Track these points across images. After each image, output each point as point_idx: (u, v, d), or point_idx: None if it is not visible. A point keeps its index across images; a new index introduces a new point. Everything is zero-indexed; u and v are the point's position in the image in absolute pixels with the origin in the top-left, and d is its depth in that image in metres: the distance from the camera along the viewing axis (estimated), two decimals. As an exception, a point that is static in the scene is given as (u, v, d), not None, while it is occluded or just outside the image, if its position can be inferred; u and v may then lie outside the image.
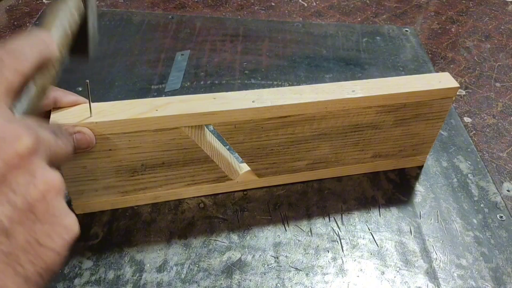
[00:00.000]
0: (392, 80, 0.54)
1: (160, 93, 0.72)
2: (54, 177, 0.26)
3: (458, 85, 0.54)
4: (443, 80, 0.54)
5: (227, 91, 0.75)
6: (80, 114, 0.45)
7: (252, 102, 0.49)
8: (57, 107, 0.45)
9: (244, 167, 0.57)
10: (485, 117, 1.67)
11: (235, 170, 0.56)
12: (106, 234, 0.52)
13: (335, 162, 0.58)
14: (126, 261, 0.49)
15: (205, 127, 0.52)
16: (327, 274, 0.50)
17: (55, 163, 0.29)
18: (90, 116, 0.44)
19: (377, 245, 0.53)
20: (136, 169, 0.50)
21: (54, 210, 0.26)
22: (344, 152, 0.57)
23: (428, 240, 0.54)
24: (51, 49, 0.34)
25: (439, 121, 0.57)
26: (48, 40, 0.34)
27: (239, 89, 0.75)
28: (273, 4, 2.25)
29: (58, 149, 0.30)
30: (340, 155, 0.57)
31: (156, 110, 0.46)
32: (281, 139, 0.53)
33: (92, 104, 0.45)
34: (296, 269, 0.50)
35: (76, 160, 0.47)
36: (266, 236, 0.53)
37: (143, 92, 0.72)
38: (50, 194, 0.26)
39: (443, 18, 2.24)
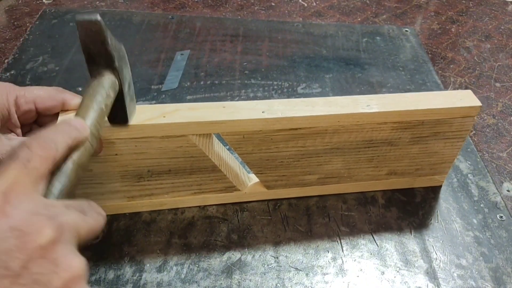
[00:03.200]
0: (410, 96, 0.52)
1: (159, 93, 0.72)
2: (77, 264, 0.27)
3: (480, 104, 0.51)
4: (464, 98, 0.52)
5: (227, 91, 0.76)
6: None
7: (262, 112, 0.47)
8: (65, 110, 0.45)
9: (253, 178, 0.56)
10: (485, 117, 1.67)
11: (243, 181, 0.55)
12: (106, 234, 0.52)
13: (348, 177, 0.56)
14: (126, 261, 0.49)
15: (213, 136, 0.51)
16: (327, 274, 0.50)
17: (87, 239, 0.30)
18: None
19: (377, 245, 0.53)
20: (142, 175, 0.50)
21: None
22: (357, 168, 0.55)
23: (428, 240, 0.54)
24: (84, 134, 0.35)
25: (459, 141, 0.55)
26: (81, 126, 0.35)
27: (239, 89, 0.75)
28: (273, 4, 2.25)
29: (87, 226, 0.31)
30: (353, 171, 0.56)
31: (164, 116, 0.46)
32: (291, 152, 0.51)
33: None
34: (296, 269, 0.50)
35: None
36: (266, 236, 0.53)
37: (143, 92, 0.72)
38: (73, 282, 0.27)
39: (443, 18, 2.24)
